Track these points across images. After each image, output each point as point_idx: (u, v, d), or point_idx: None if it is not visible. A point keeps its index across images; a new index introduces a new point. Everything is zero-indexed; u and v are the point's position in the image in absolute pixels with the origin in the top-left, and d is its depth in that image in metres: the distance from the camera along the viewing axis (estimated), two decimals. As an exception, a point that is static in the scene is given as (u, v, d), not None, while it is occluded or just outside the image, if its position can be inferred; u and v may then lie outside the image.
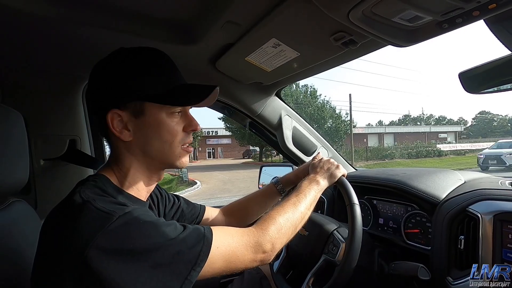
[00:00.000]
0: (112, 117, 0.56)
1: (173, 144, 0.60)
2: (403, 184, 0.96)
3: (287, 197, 0.75)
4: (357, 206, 0.80)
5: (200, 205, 0.95)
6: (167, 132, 0.59)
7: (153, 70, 0.58)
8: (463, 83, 0.68)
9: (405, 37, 0.61)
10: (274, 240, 0.61)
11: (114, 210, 0.47)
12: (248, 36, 0.82)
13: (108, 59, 0.58)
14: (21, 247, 0.70)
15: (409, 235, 0.97)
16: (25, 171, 0.72)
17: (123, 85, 0.56)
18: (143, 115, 0.57)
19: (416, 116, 65.77)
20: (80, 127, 1.13)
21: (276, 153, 22.33)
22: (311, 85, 30.39)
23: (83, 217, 0.46)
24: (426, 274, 0.77)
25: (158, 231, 0.48)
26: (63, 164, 1.09)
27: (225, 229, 0.59)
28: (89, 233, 0.44)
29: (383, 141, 34.80)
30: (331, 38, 0.74)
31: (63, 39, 0.86)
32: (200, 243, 0.51)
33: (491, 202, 0.73)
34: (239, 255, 0.56)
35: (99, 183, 0.55)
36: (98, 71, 0.58)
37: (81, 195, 0.50)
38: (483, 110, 64.91)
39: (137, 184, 0.61)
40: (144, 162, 0.60)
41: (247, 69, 1.02)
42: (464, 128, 55.79)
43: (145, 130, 0.58)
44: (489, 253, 0.69)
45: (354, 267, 0.76)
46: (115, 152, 0.60)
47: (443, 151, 25.68)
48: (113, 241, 0.45)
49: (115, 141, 0.59)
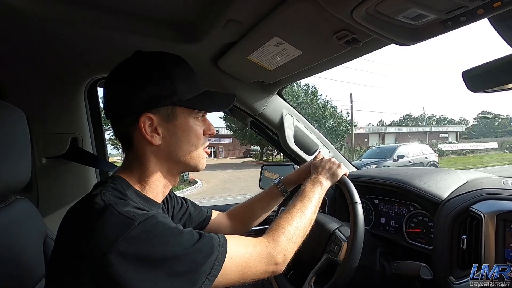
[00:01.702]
0: (144, 121, 0.56)
1: (198, 146, 0.63)
2: (405, 183, 0.95)
3: (292, 202, 0.75)
4: (359, 205, 0.80)
5: (207, 208, 0.95)
6: (195, 136, 0.62)
7: (183, 75, 0.60)
8: (466, 82, 0.67)
9: (409, 35, 0.61)
10: (286, 251, 0.62)
11: (136, 215, 0.48)
12: (250, 34, 0.82)
13: (133, 61, 0.59)
14: (23, 244, 0.70)
15: (411, 234, 0.97)
16: (27, 169, 0.72)
17: (156, 89, 0.56)
18: (175, 119, 0.59)
19: (417, 116, 65.66)
20: (82, 125, 1.13)
21: (277, 152, 22.33)
22: (312, 84, 30.36)
23: (105, 221, 0.47)
24: (429, 274, 0.77)
25: (176, 239, 0.49)
26: (65, 163, 1.09)
27: (238, 239, 0.59)
28: (112, 237, 0.45)
29: (384, 141, 34.75)
30: (333, 37, 0.73)
31: (66, 39, 0.87)
32: (215, 253, 0.51)
33: (494, 201, 0.73)
34: (251, 266, 0.56)
35: (118, 186, 0.55)
36: (124, 73, 0.58)
37: (102, 198, 0.50)
38: (484, 110, 64.80)
39: (157, 187, 0.61)
40: (167, 166, 0.61)
41: (249, 67, 1.02)
42: (466, 128, 55.65)
43: (176, 134, 0.60)
44: (492, 253, 0.69)
45: (356, 266, 0.76)
46: (140, 156, 0.59)
47: (444, 151, 25.61)
48: (134, 247, 0.45)
49: (141, 145, 0.59)
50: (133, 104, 0.56)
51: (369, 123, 60.28)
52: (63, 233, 0.51)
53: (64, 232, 0.51)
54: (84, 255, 0.45)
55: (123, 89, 0.57)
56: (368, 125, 44.97)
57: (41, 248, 0.76)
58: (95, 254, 0.44)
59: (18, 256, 0.67)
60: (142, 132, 0.56)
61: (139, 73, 0.57)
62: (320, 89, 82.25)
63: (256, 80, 1.15)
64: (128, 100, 0.57)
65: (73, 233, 0.49)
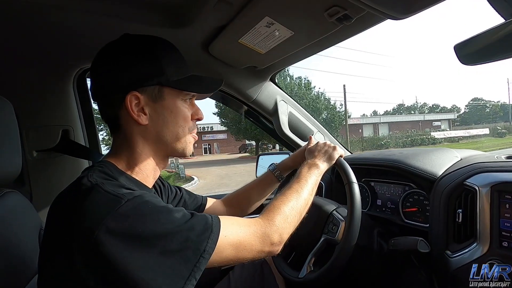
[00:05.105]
0: (131, 100, 0.55)
1: (185, 129, 0.62)
2: (400, 163, 0.96)
3: (288, 184, 0.75)
4: (355, 184, 0.80)
5: (202, 196, 0.95)
6: (182, 118, 0.61)
7: (173, 56, 0.60)
8: (458, 56, 0.67)
9: (402, 7, 0.60)
10: (282, 231, 0.62)
11: (123, 193, 0.47)
12: (240, 16, 0.81)
13: (120, 43, 0.58)
14: (19, 237, 0.69)
15: (407, 214, 0.98)
16: (17, 161, 0.70)
17: (144, 68, 0.56)
18: (162, 100, 0.58)
19: (410, 105, 66.27)
20: (72, 117, 1.10)
21: (272, 146, 22.38)
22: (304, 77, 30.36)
23: (92, 200, 0.46)
24: (426, 247, 0.78)
25: (167, 217, 0.48)
26: (57, 155, 1.07)
27: (231, 219, 0.59)
28: (99, 215, 0.44)
29: (378, 131, 35.05)
30: (325, 14, 0.72)
31: (52, 26, 0.84)
32: (208, 231, 0.50)
33: (488, 174, 0.73)
34: (246, 245, 0.56)
35: (106, 169, 0.54)
36: (110, 53, 0.57)
37: (89, 179, 0.49)
38: (475, 97, 65.56)
39: (146, 170, 0.61)
40: (155, 147, 0.61)
41: (240, 52, 1.00)
42: (458, 116, 56.40)
43: (163, 115, 0.59)
44: (487, 224, 0.69)
45: (354, 247, 0.76)
46: (127, 137, 0.59)
47: (437, 138, 26.01)
48: (122, 224, 0.44)
49: (128, 125, 0.58)
50: (119, 83, 0.55)
51: (363, 113, 60.71)
52: (52, 216, 0.50)
53: (53, 215, 0.50)
54: (73, 234, 0.44)
55: (110, 68, 0.56)
56: (362, 116, 45.23)
57: (36, 241, 0.75)
58: (83, 232, 0.43)
59: (13, 249, 0.66)
60: (128, 111, 0.55)
61: (126, 53, 0.57)
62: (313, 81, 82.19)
63: (248, 65, 1.14)
64: (115, 79, 0.56)
65: (61, 214, 0.48)
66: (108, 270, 0.42)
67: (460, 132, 29.08)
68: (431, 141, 25.39)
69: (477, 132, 29.42)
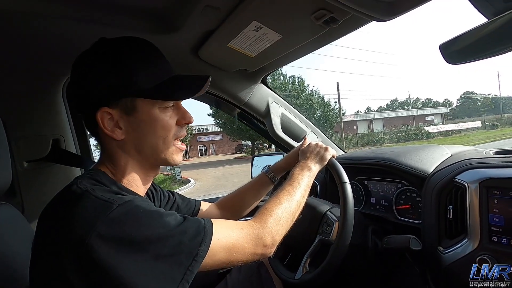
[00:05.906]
0: (102, 116, 0.53)
1: (167, 139, 0.58)
2: (392, 161, 0.97)
3: (281, 187, 0.75)
4: (348, 184, 0.81)
5: (195, 200, 0.95)
6: (161, 128, 0.57)
7: (143, 62, 0.55)
8: (444, 55, 0.68)
9: (386, 9, 0.61)
10: (274, 233, 0.62)
11: (114, 198, 0.47)
12: (228, 20, 0.81)
13: (91, 52, 0.55)
14: (11, 249, 0.68)
15: (401, 211, 0.99)
16: (7, 173, 0.69)
17: (112, 81, 0.53)
18: (136, 112, 0.55)
19: (403, 100, 66.86)
20: (62, 126, 1.09)
21: (268, 146, 22.40)
22: (298, 75, 30.42)
23: (82, 206, 0.45)
24: (418, 245, 0.79)
25: (158, 221, 0.47)
26: (49, 165, 1.06)
27: (224, 222, 0.58)
28: (89, 220, 0.43)
29: (373, 127, 35.30)
30: (312, 17, 0.73)
31: (38, 35, 0.83)
32: (200, 234, 0.50)
33: (477, 170, 0.75)
34: (239, 248, 0.56)
35: (95, 176, 0.54)
36: (81, 66, 0.55)
37: (78, 185, 0.49)
38: (467, 90, 66.51)
39: (135, 181, 0.59)
40: (139, 160, 0.59)
41: (230, 56, 1.00)
42: (450, 109, 57.05)
43: (138, 127, 0.56)
44: (477, 220, 0.71)
45: (349, 245, 0.77)
46: (108, 152, 0.58)
47: (430, 133, 26.30)
48: (114, 229, 0.44)
49: (106, 140, 0.57)
50: (89, 100, 0.54)
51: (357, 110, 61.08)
52: (42, 225, 0.50)
53: (43, 224, 0.50)
54: (64, 241, 0.43)
55: (80, 84, 0.55)
56: (356, 113, 45.49)
57: (29, 253, 0.74)
58: (75, 239, 0.42)
59: (6, 262, 0.65)
60: (101, 128, 0.54)
61: (93, 65, 0.54)
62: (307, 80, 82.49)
63: (239, 68, 1.14)
64: (85, 96, 0.54)
65: (51, 222, 0.48)
66: (100, 276, 0.42)
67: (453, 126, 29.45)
68: (424, 135, 25.68)
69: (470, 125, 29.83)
